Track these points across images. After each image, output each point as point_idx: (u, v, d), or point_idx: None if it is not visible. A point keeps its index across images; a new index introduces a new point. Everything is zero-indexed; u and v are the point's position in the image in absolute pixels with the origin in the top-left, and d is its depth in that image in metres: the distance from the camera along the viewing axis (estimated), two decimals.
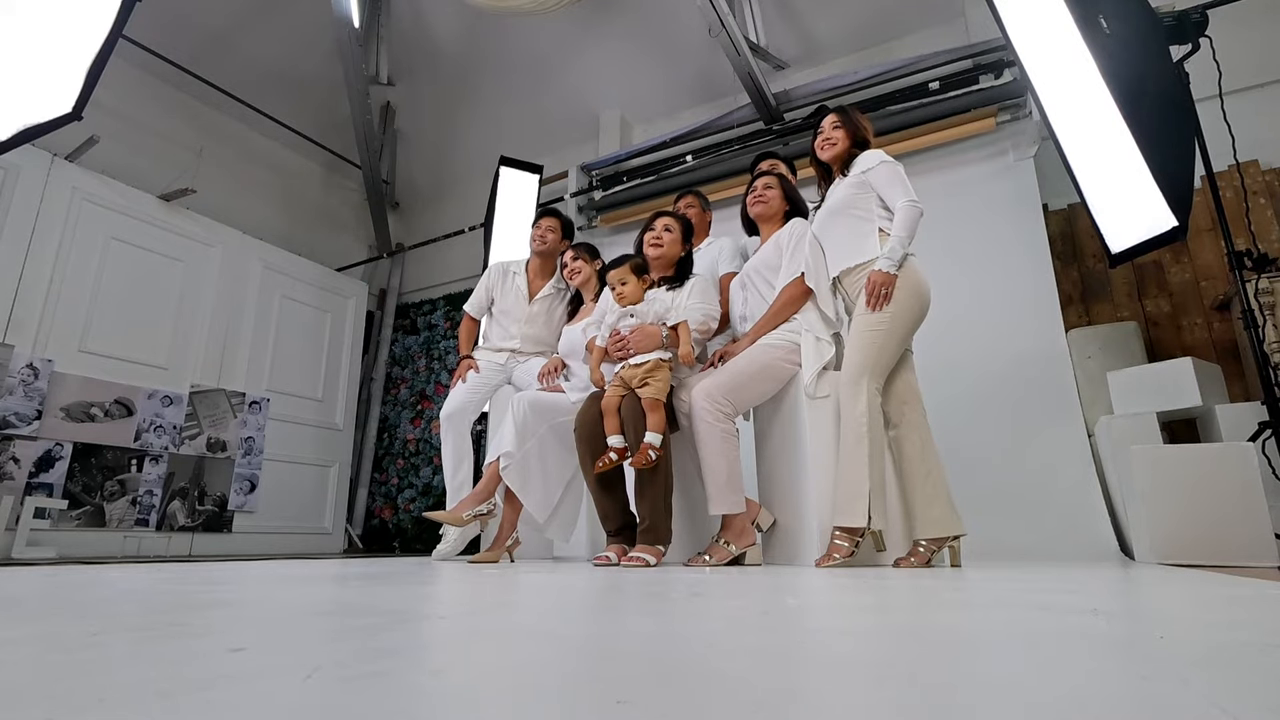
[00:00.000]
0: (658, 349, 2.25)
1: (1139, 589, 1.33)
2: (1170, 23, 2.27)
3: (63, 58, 2.61)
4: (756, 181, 2.49)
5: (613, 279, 2.37)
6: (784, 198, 2.46)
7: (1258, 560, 2.00)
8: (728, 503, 2.16)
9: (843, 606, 1.00)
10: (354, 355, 5.33)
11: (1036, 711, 0.38)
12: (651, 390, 2.18)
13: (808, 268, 2.25)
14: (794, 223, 2.38)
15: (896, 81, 3.92)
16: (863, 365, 2.07)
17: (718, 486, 2.16)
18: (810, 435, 2.18)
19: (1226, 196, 2.48)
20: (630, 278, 2.34)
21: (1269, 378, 2.11)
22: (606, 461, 2.18)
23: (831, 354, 2.23)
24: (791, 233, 2.34)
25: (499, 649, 0.59)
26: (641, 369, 2.22)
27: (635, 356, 2.25)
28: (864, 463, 1.98)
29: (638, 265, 2.38)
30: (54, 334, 3.63)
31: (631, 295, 2.33)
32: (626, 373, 2.25)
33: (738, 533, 2.17)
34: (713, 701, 0.40)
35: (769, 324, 2.28)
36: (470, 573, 1.77)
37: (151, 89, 4.61)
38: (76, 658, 0.50)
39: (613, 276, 2.37)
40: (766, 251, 2.40)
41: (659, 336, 2.27)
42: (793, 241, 2.31)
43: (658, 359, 2.23)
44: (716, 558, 2.13)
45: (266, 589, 1.17)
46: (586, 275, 2.83)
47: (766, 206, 2.43)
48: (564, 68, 5.08)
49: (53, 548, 3.36)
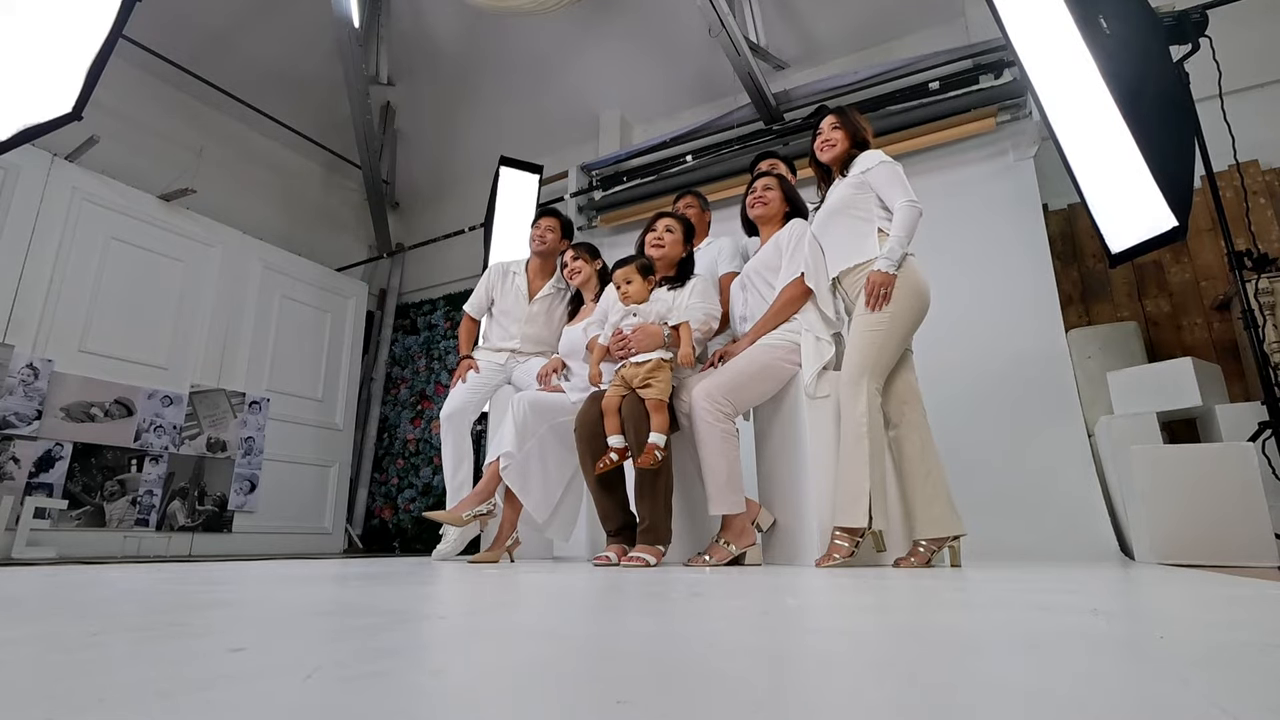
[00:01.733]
0: (659, 348, 2.25)
1: (1139, 589, 1.33)
2: (1170, 23, 2.27)
3: (63, 58, 2.61)
4: (756, 183, 2.49)
5: (618, 278, 2.38)
6: (784, 199, 2.46)
7: (1258, 560, 2.00)
8: (728, 503, 2.15)
9: (842, 606, 1.00)
10: (354, 355, 5.33)
11: (1036, 712, 0.38)
12: (654, 391, 2.18)
13: (807, 268, 2.25)
14: (793, 223, 2.38)
15: (896, 81, 3.92)
16: (862, 365, 2.07)
17: (718, 486, 2.16)
18: (810, 435, 2.18)
19: (1226, 196, 2.48)
20: (636, 277, 2.34)
21: (1269, 378, 2.11)
22: (607, 462, 2.18)
23: (831, 354, 2.23)
24: (791, 233, 2.34)
25: (499, 649, 0.59)
26: (643, 369, 2.22)
27: (636, 356, 2.25)
28: (864, 463, 1.98)
29: (644, 265, 2.38)
30: (54, 334, 3.63)
31: (636, 294, 2.34)
32: (627, 371, 2.25)
33: (738, 533, 2.17)
34: (713, 701, 0.40)
35: (769, 324, 2.28)
36: (470, 573, 1.77)
37: (151, 89, 4.61)
38: (76, 658, 0.50)
39: (618, 275, 2.38)
40: (766, 252, 2.40)
41: (660, 336, 2.27)
42: (792, 242, 2.31)
43: (659, 359, 2.23)
44: (716, 558, 2.13)
45: (266, 589, 1.17)
46: (586, 275, 2.83)
47: (767, 208, 2.43)
48: (564, 68, 5.08)
49: (53, 548, 3.36)
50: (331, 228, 5.91)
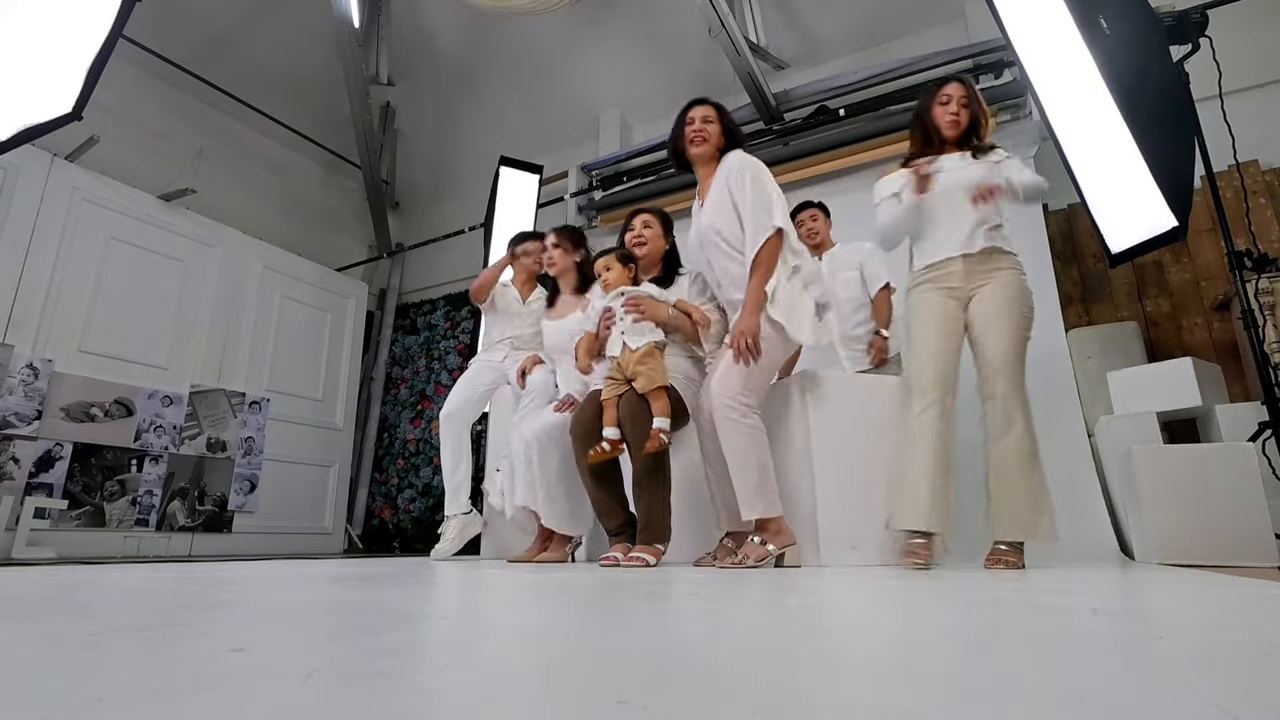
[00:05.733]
0: (661, 326, 2.24)
1: (1139, 589, 1.33)
2: (1170, 23, 2.27)
3: (63, 58, 2.61)
4: (693, 112, 2.24)
5: (598, 267, 2.39)
6: (723, 131, 2.22)
7: (1258, 560, 1.99)
8: (762, 505, 1.97)
9: (843, 606, 1.00)
10: (354, 355, 5.33)
11: (1037, 712, 0.38)
12: (644, 380, 2.15)
13: (776, 211, 2.07)
14: (736, 159, 2.16)
15: (896, 81, 3.92)
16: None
17: (751, 489, 1.97)
18: (813, 436, 2.18)
19: (1226, 196, 2.48)
20: (615, 264, 2.35)
21: (1269, 378, 2.10)
22: (599, 451, 2.15)
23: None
24: (742, 174, 2.11)
25: (499, 649, 0.59)
26: (635, 355, 2.19)
27: (632, 337, 2.21)
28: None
29: (623, 254, 2.38)
30: (54, 334, 3.63)
31: (616, 281, 2.34)
32: (623, 357, 2.21)
33: (775, 531, 2.00)
34: (713, 701, 0.40)
35: (758, 291, 2.05)
36: (470, 572, 1.77)
37: (151, 89, 4.61)
38: (76, 658, 0.50)
39: (599, 265, 2.38)
40: (717, 199, 2.16)
41: (666, 311, 2.25)
42: (747, 185, 2.09)
43: (651, 344, 2.20)
44: (755, 557, 1.96)
45: (266, 589, 1.17)
46: (563, 267, 2.78)
47: (708, 144, 2.20)
48: (564, 68, 5.08)
49: (53, 548, 3.36)
50: (331, 228, 5.91)
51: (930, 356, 2.06)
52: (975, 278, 2.06)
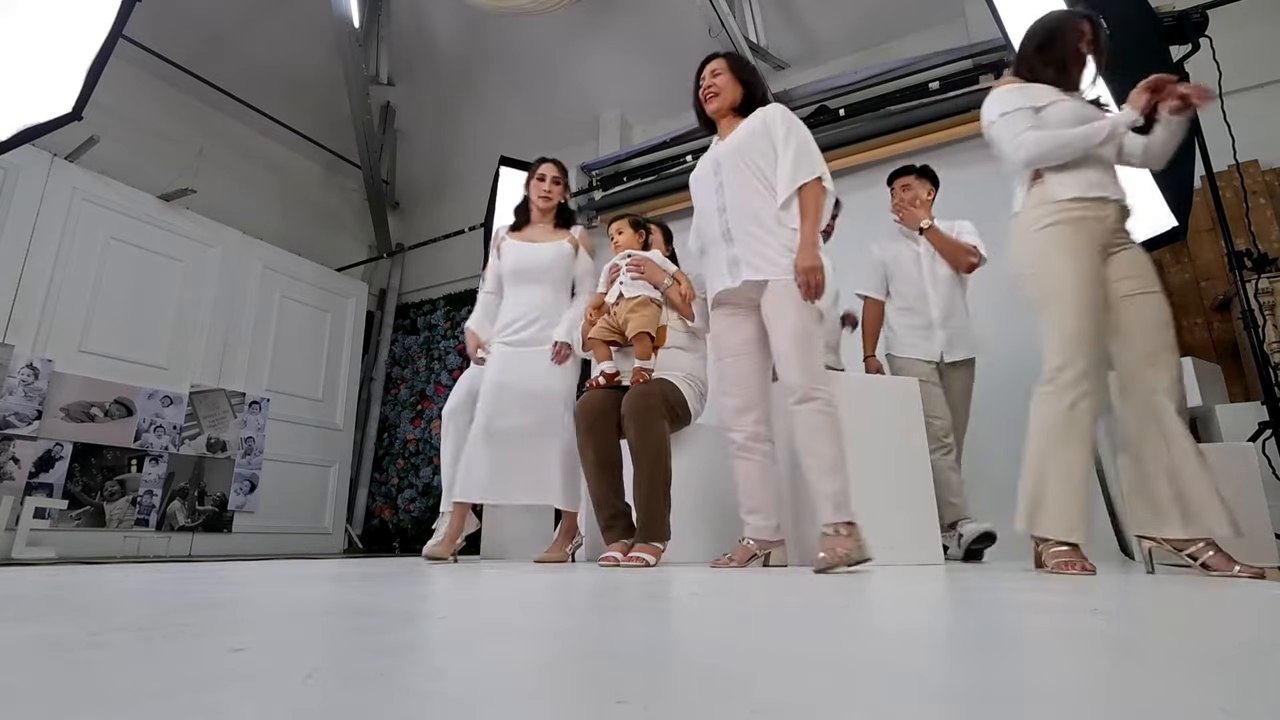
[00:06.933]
0: (657, 285, 2.43)
1: (1139, 589, 1.33)
2: (1170, 23, 2.27)
3: (63, 58, 2.61)
4: (705, 73, 2.18)
5: (612, 230, 2.64)
6: (735, 80, 2.15)
7: (1258, 560, 1.98)
8: (850, 503, 1.76)
9: (842, 607, 1.00)
10: (354, 355, 5.33)
11: (1037, 712, 0.38)
12: (633, 325, 2.33)
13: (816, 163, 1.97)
14: (779, 109, 2.07)
15: (896, 81, 3.92)
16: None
17: (841, 489, 1.77)
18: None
19: (1226, 196, 2.47)
20: (627, 228, 2.60)
21: (1269, 378, 2.10)
22: (594, 384, 2.38)
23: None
24: (788, 120, 2.02)
25: (499, 649, 0.59)
26: (629, 304, 2.37)
27: (629, 289, 2.40)
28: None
29: (635, 220, 2.64)
30: (54, 334, 3.63)
31: (626, 244, 2.57)
32: (618, 306, 2.39)
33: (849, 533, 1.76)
34: (713, 702, 0.40)
35: (813, 231, 1.90)
36: (470, 573, 1.77)
37: (151, 89, 4.61)
38: (76, 658, 0.50)
39: (612, 228, 2.64)
40: (742, 136, 2.06)
41: (664, 277, 2.44)
42: (793, 130, 2.00)
43: (645, 296, 2.39)
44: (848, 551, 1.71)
45: (266, 589, 1.17)
46: (557, 200, 2.83)
47: (720, 97, 2.13)
48: (564, 68, 5.08)
49: (53, 548, 3.36)
50: (331, 228, 5.91)
51: (1086, 312, 1.66)
52: (1118, 236, 1.75)
